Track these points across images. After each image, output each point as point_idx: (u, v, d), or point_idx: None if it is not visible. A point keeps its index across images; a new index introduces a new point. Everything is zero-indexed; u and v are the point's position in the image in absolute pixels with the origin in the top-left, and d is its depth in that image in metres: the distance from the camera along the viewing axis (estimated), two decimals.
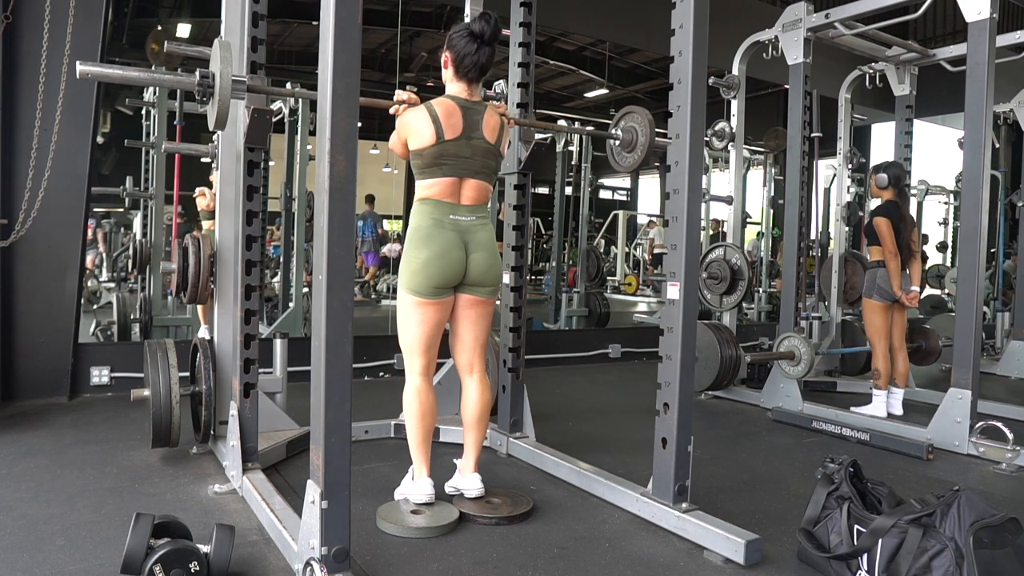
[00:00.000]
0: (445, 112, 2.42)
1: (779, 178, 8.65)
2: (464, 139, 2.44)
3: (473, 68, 2.46)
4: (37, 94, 3.64)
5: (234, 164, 2.95)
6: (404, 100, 2.47)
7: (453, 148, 2.43)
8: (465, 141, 2.44)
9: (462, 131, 2.44)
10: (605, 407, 4.45)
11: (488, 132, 2.49)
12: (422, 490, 2.49)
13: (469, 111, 2.46)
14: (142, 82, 5.26)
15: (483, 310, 2.60)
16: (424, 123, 2.41)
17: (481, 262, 2.50)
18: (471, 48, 2.44)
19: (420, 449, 2.53)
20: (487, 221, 2.57)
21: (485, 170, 2.52)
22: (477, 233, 2.50)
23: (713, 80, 4.58)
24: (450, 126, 2.42)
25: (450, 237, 2.45)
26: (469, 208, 2.50)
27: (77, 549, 2.14)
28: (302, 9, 7.12)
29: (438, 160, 2.43)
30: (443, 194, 2.46)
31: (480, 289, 2.54)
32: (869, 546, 1.99)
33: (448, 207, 2.47)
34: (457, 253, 2.45)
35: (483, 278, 2.52)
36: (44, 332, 4.01)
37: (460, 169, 2.46)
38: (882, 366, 4.16)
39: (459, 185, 2.48)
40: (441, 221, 2.45)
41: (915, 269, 4.15)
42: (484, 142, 2.48)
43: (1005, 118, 6.12)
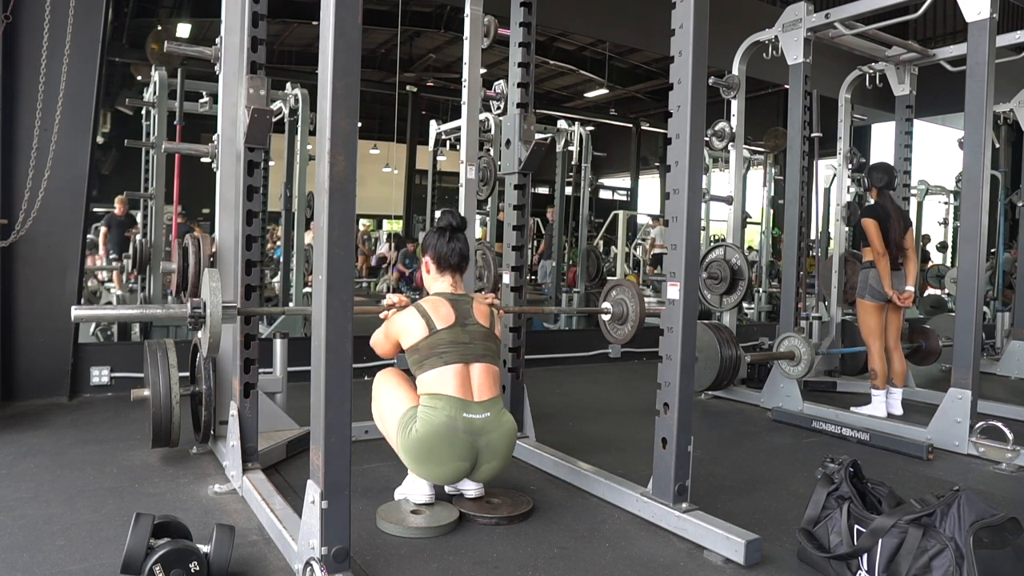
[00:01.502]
0: (433, 306, 2.46)
1: (779, 178, 8.66)
2: (459, 326, 2.44)
3: (453, 255, 2.56)
4: (37, 94, 3.64)
5: (234, 164, 2.95)
6: (394, 303, 2.56)
7: (449, 336, 2.41)
8: (460, 328, 2.44)
9: (455, 320, 2.44)
10: (605, 407, 4.45)
11: (481, 318, 2.50)
12: (421, 490, 2.49)
13: (457, 302, 2.49)
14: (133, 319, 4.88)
15: None
16: (413, 320, 2.44)
17: (490, 471, 2.44)
18: (444, 241, 2.56)
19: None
20: (502, 414, 2.45)
21: (489, 352, 2.47)
22: (492, 434, 2.38)
23: (713, 80, 4.58)
24: (441, 317, 2.43)
25: (459, 449, 2.34)
26: (483, 404, 2.39)
27: (77, 549, 2.14)
28: (302, 9, 7.13)
29: (434, 350, 2.39)
30: (453, 389, 2.36)
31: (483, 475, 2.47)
32: (869, 546, 1.99)
33: (460, 405, 2.34)
34: (462, 465, 2.37)
35: (489, 478, 2.49)
36: (44, 332, 4.01)
37: (463, 355, 2.40)
38: (878, 366, 4.16)
39: (467, 373, 2.40)
40: (454, 420, 2.33)
41: (910, 269, 4.15)
42: (479, 326, 2.47)
43: (1005, 118, 6.12)
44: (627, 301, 2.86)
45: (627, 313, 2.87)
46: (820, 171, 5.18)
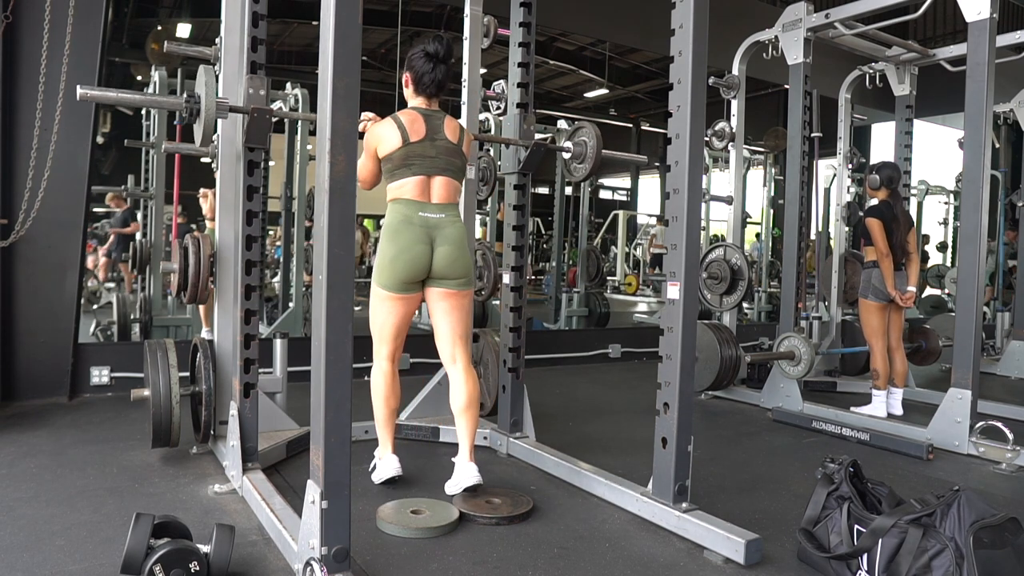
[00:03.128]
0: (409, 119, 2.64)
1: (779, 178, 8.66)
2: (428, 140, 2.64)
3: (431, 84, 2.69)
4: (37, 94, 3.63)
5: (234, 164, 2.95)
6: (369, 117, 2.72)
7: (419, 149, 2.62)
8: (429, 142, 2.64)
9: (425, 134, 2.64)
10: (605, 407, 4.45)
11: (450, 134, 2.69)
12: (390, 464, 2.73)
13: (430, 117, 2.68)
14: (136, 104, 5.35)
15: (455, 302, 2.72)
16: (390, 130, 2.62)
17: (446, 255, 2.62)
18: (428, 67, 2.67)
19: (386, 427, 2.79)
20: (456, 218, 2.69)
21: (451, 167, 2.69)
22: (445, 229, 2.64)
23: (713, 80, 4.58)
24: (414, 130, 2.62)
25: (416, 233, 2.59)
26: (438, 206, 2.65)
27: (77, 549, 2.14)
28: (302, 9, 7.12)
29: (406, 161, 2.61)
30: (412, 193, 2.62)
31: (447, 282, 2.67)
32: (869, 546, 1.99)
33: (417, 205, 2.62)
34: (421, 247, 2.59)
35: (448, 270, 2.64)
36: (44, 332, 4.01)
37: (427, 168, 2.63)
38: (880, 366, 4.16)
39: (427, 184, 2.65)
40: (410, 218, 2.60)
41: (912, 269, 4.15)
42: (447, 142, 2.67)
43: (1005, 118, 6.12)
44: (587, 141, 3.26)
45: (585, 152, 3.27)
46: (820, 171, 5.18)
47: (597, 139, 3.23)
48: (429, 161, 2.64)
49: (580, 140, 3.29)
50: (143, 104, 5.37)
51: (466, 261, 2.69)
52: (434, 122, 2.68)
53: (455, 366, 2.75)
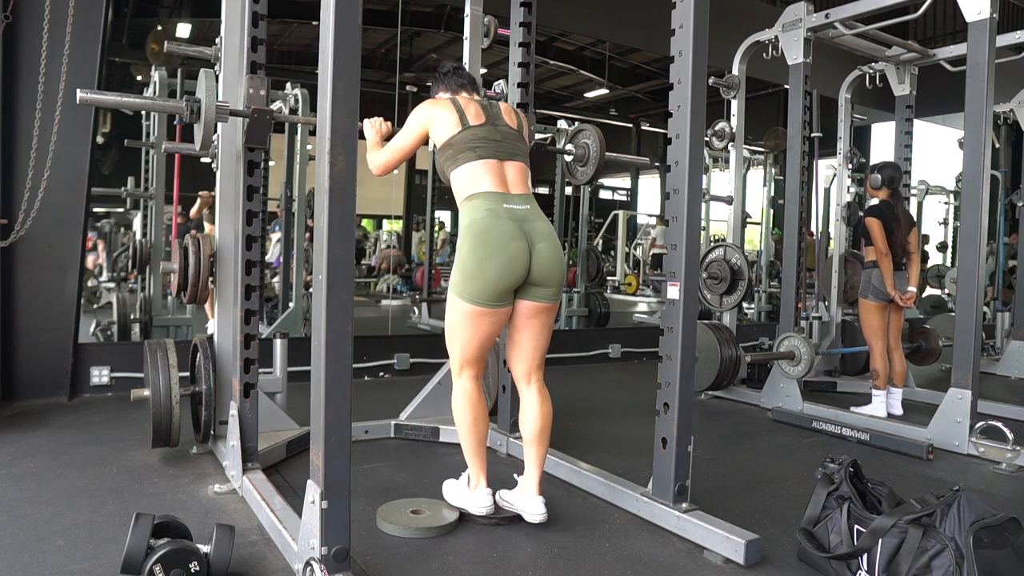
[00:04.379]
0: (464, 101, 2.41)
1: (779, 178, 8.66)
2: (490, 125, 2.37)
3: (466, 78, 2.56)
4: (37, 94, 3.63)
5: (234, 164, 2.95)
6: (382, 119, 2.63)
7: (482, 132, 2.34)
8: (492, 126, 2.37)
9: (486, 118, 2.38)
10: (605, 407, 4.45)
11: (509, 119, 2.45)
12: (480, 502, 2.41)
13: (485, 105, 2.44)
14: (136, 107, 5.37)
15: (547, 319, 2.39)
16: (445, 111, 2.36)
17: (547, 254, 2.27)
18: (452, 73, 2.56)
19: (475, 456, 2.43)
20: (540, 210, 2.36)
21: (519, 152, 2.41)
22: (536, 223, 2.29)
23: (713, 80, 4.58)
24: (472, 114, 2.37)
25: (509, 228, 2.22)
26: (521, 197, 2.32)
27: (77, 549, 2.14)
28: (302, 9, 7.12)
29: (469, 144, 2.31)
30: (489, 183, 2.29)
31: (545, 291, 2.31)
32: (869, 546, 1.99)
33: (499, 196, 2.27)
34: (518, 245, 2.22)
35: (549, 275, 2.29)
36: (44, 332, 4.01)
37: (497, 151, 2.34)
38: (880, 366, 4.16)
39: (501, 169, 2.33)
40: (495, 211, 2.24)
41: (912, 269, 4.15)
42: (508, 127, 2.42)
43: (1005, 118, 6.12)
44: (589, 143, 3.21)
45: (589, 155, 3.21)
46: (820, 171, 5.18)
47: (600, 141, 3.19)
48: (495, 145, 2.34)
49: (582, 143, 3.26)
50: (143, 107, 5.37)
51: (561, 264, 2.33)
52: (492, 108, 2.43)
53: (529, 387, 2.44)
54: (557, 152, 3.50)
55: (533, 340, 2.40)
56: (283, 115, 5.45)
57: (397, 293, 8.11)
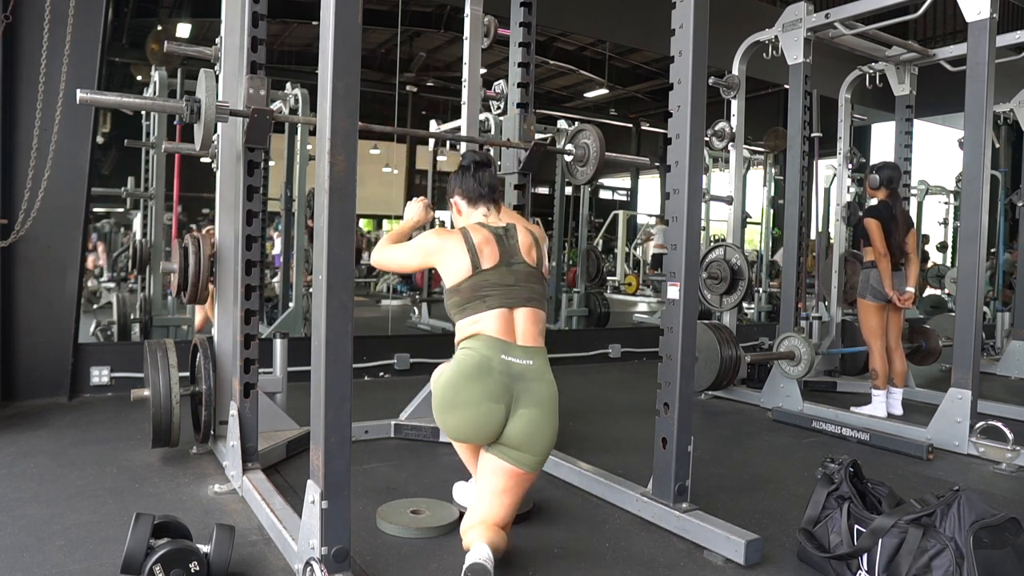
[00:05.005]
0: (480, 239, 2.18)
1: (779, 178, 8.66)
2: (504, 266, 2.17)
3: (486, 188, 2.31)
4: (37, 94, 3.63)
5: (234, 164, 2.95)
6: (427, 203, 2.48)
7: (494, 277, 2.15)
8: (506, 268, 2.17)
9: (500, 258, 2.18)
10: (605, 407, 4.45)
11: (527, 253, 2.23)
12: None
13: (503, 237, 2.22)
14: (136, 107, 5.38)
15: (514, 484, 2.10)
16: (459, 251, 2.16)
17: (528, 423, 2.07)
18: (468, 176, 2.33)
19: (473, 462, 2.37)
20: (545, 368, 2.17)
21: (535, 296, 2.21)
22: (532, 383, 2.10)
23: (713, 80, 4.58)
24: (486, 254, 2.17)
25: (492, 386, 2.06)
26: (525, 350, 2.13)
27: (77, 549, 2.14)
28: (302, 9, 7.12)
29: (477, 292, 2.14)
30: (494, 329, 2.12)
31: (518, 456, 2.08)
32: (869, 546, 1.99)
33: (500, 345, 2.10)
34: (493, 407, 2.05)
35: (524, 443, 2.07)
36: (44, 332, 4.01)
37: (507, 299, 2.15)
38: (879, 366, 4.16)
39: (511, 318, 2.15)
40: (490, 361, 2.08)
41: (911, 270, 4.15)
42: (525, 266, 2.21)
43: (1005, 118, 6.12)
44: (589, 143, 3.20)
45: (588, 155, 3.20)
46: (820, 171, 5.18)
47: (600, 142, 3.21)
48: (507, 291, 2.15)
49: (582, 143, 3.26)
50: (143, 108, 5.38)
51: (551, 435, 2.12)
52: (509, 242, 2.21)
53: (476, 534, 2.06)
54: (557, 152, 3.51)
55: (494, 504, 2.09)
56: (283, 115, 5.45)
57: (397, 293, 8.11)
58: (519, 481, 2.11)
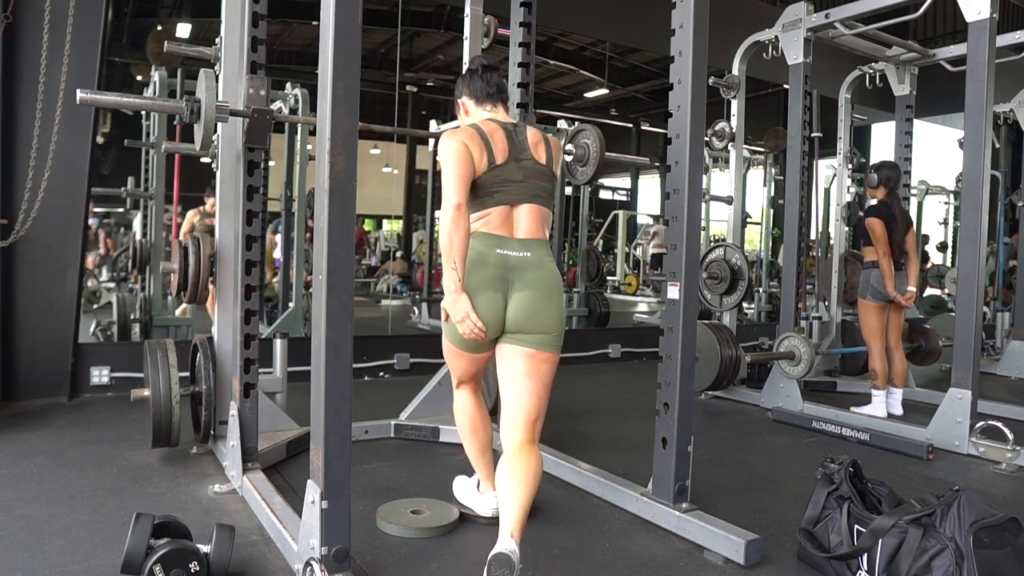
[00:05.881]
0: (489, 130, 2.18)
1: (779, 178, 8.66)
2: (513, 162, 2.17)
3: (494, 87, 2.30)
4: (37, 94, 3.63)
5: (234, 164, 2.95)
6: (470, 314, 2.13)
7: (504, 173, 2.15)
8: (515, 164, 2.17)
9: (509, 154, 2.18)
10: (605, 407, 4.45)
11: (536, 151, 2.24)
12: (487, 504, 2.42)
13: (512, 132, 2.22)
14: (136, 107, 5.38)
15: (530, 364, 2.14)
16: (477, 147, 2.13)
17: (524, 303, 2.10)
18: (480, 77, 2.30)
19: (480, 463, 2.46)
20: (545, 257, 2.18)
21: (541, 193, 2.21)
22: (527, 272, 2.13)
23: (713, 80, 4.58)
24: (498, 148, 2.16)
25: (487, 276, 2.10)
26: (522, 242, 2.15)
27: (77, 549, 2.14)
28: (302, 9, 7.12)
29: (492, 187, 2.15)
30: (493, 225, 2.15)
31: (523, 336, 2.12)
32: (869, 546, 1.99)
33: (496, 240, 2.14)
34: (489, 296, 2.09)
35: (527, 322, 2.11)
36: (44, 332, 4.01)
37: (513, 195, 2.16)
38: (879, 366, 4.16)
39: (510, 214, 2.17)
40: (485, 256, 2.12)
41: (911, 269, 4.15)
42: (534, 163, 2.21)
43: (1005, 118, 6.11)
44: (589, 143, 3.18)
45: (589, 155, 3.18)
46: (820, 171, 5.18)
47: (600, 142, 3.21)
48: (515, 187, 2.16)
49: (582, 143, 3.26)
50: (143, 107, 5.38)
51: (553, 313, 2.14)
52: (517, 138, 2.21)
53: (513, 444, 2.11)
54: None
55: (517, 390, 2.14)
56: (283, 115, 5.45)
57: (397, 293, 8.11)
58: (534, 362, 2.14)
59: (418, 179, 9.24)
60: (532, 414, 2.14)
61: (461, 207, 2.04)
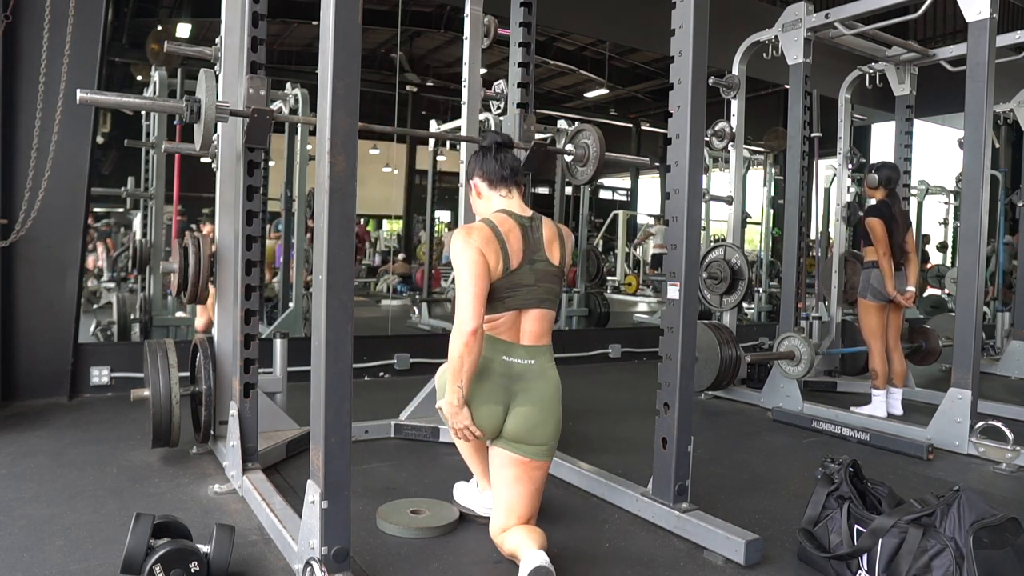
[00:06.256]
0: (508, 231, 2.11)
1: (779, 178, 8.66)
2: (527, 264, 2.12)
3: (508, 171, 2.23)
4: (37, 94, 3.64)
5: (234, 164, 2.95)
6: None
7: (517, 277, 2.10)
8: (528, 268, 2.12)
9: (523, 256, 2.12)
10: (605, 407, 4.45)
11: (551, 251, 2.18)
12: (487, 504, 2.41)
13: (528, 229, 2.15)
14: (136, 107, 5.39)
15: (522, 472, 2.11)
16: (492, 252, 2.07)
17: (524, 419, 2.09)
18: (490, 157, 2.24)
19: (475, 463, 2.42)
20: (549, 364, 2.18)
21: (550, 297, 2.17)
22: (531, 382, 2.13)
23: (713, 80, 4.58)
24: (513, 250, 2.10)
25: (492, 388, 2.09)
26: (527, 349, 2.14)
27: (77, 549, 2.14)
28: (302, 9, 7.12)
29: (505, 293, 2.10)
30: (501, 331, 2.12)
31: (519, 447, 2.11)
32: (869, 546, 1.99)
33: (502, 347, 2.11)
34: (490, 409, 2.08)
35: (524, 436, 2.10)
36: (44, 332, 4.01)
37: (523, 300, 2.12)
38: (879, 366, 4.17)
39: (518, 319, 2.13)
40: (490, 362, 2.09)
41: (911, 269, 4.15)
42: (548, 264, 2.16)
43: (1005, 118, 6.12)
44: (589, 143, 3.19)
45: (588, 155, 3.19)
46: (820, 171, 5.18)
47: (600, 142, 3.21)
48: (525, 291, 2.11)
49: (582, 143, 3.26)
50: (143, 107, 5.38)
51: (552, 426, 2.13)
52: (532, 236, 2.15)
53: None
54: (557, 152, 3.51)
55: (509, 495, 2.11)
56: (283, 115, 5.45)
57: (397, 293, 8.11)
58: (527, 470, 2.12)
59: (418, 179, 9.24)
60: (524, 518, 2.12)
61: (477, 332, 1.99)
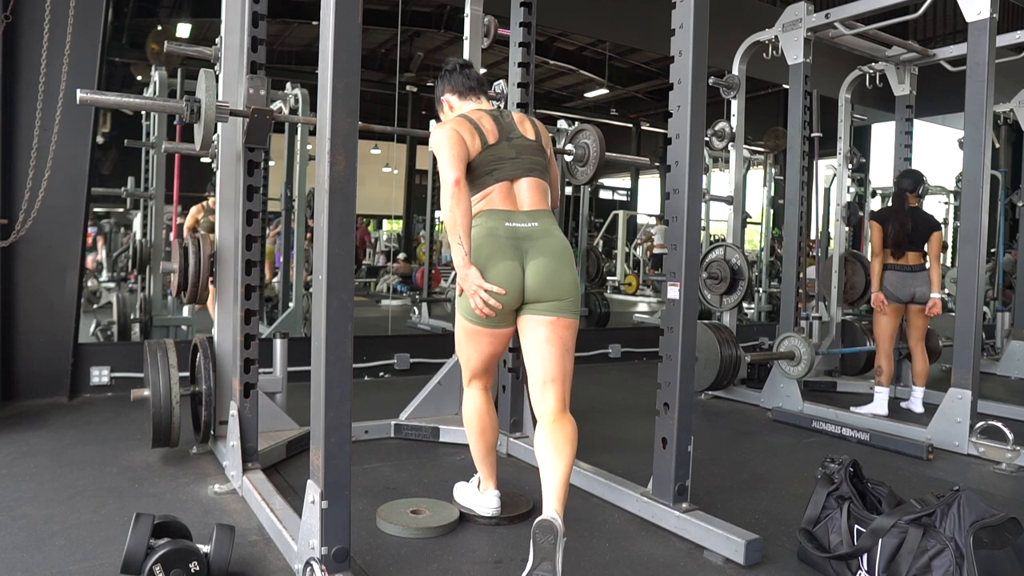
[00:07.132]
0: (478, 118, 2.29)
1: (779, 178, 8.66)
2: (504, 141, 2.28)
3: (475, 81, 2.43)
4: (37, 94, 3.63)
5: (234, 164, 2.95)
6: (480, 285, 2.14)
7: (498, 151, 2.25)
8: (506, 142, 2.28)
9: (499, 135, 2.28)
10: (605, 407, 4.45)
11: (525, 130, 2.34)
12: (488, 504, 2.44)
13: (497, 117, 2.33)
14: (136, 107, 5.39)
15: (552, 331, 2.17)
16: (469, 132, 2.23)
17: (540, 270, 2.15)
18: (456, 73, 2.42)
19: (484, 463, 2.46)
20: (552, 226, 2.25)
21: (536, 167, 2.30)
22: (539, 240, 2.19)
23: (713, 80, 4.58)
24: (488, 131, 2.27)
25: (501, 247, 2.15)
26: (528, 214, 2.22)
27: (77, 549, 2.14)
28: (302, 9, 7.12)
29: (488, 166, 2.23)
30: (496, 202, 2.22)
31: (543, 305, 2.16)
32: (869, 546, 1.99)
33: (503, 215, 2.20)
34: (508, 264, 2.13)
35: (545, 290, 2.15)
36: (44, 332, 4.01)
37: (510, 171, 2.25)
38: (884, 364, 4.18)
39: (511, 189, 2.24)
40: (495, 230, 2.17)
41: (932, 274, 4.14)
42: (524, 139, 2.31)
43: (1005, 118, 6.11)
44: (589, 143, 3.18)
45: (588, 155, 3.20)
46: (820, 171, 5.18)
47: (600, 142, 3.21)
48: (510, 163, 2.25)
49: (582, 143, 3.26)
50: (143, 107, 5.38)
51: (568, 277, 2.18)
52: (504, 120, 2.32)
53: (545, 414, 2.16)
54: (557, 152, 3.51)
55: (541, 356, 2.18)
56: (283, 115, 5.45)
57: (397, 293, 8.11)
58: (555, 328, 2.18)
59: (418, 179, 9.25)
60: (559, 378, 2.18)
61: (460, 182, 2.11)
